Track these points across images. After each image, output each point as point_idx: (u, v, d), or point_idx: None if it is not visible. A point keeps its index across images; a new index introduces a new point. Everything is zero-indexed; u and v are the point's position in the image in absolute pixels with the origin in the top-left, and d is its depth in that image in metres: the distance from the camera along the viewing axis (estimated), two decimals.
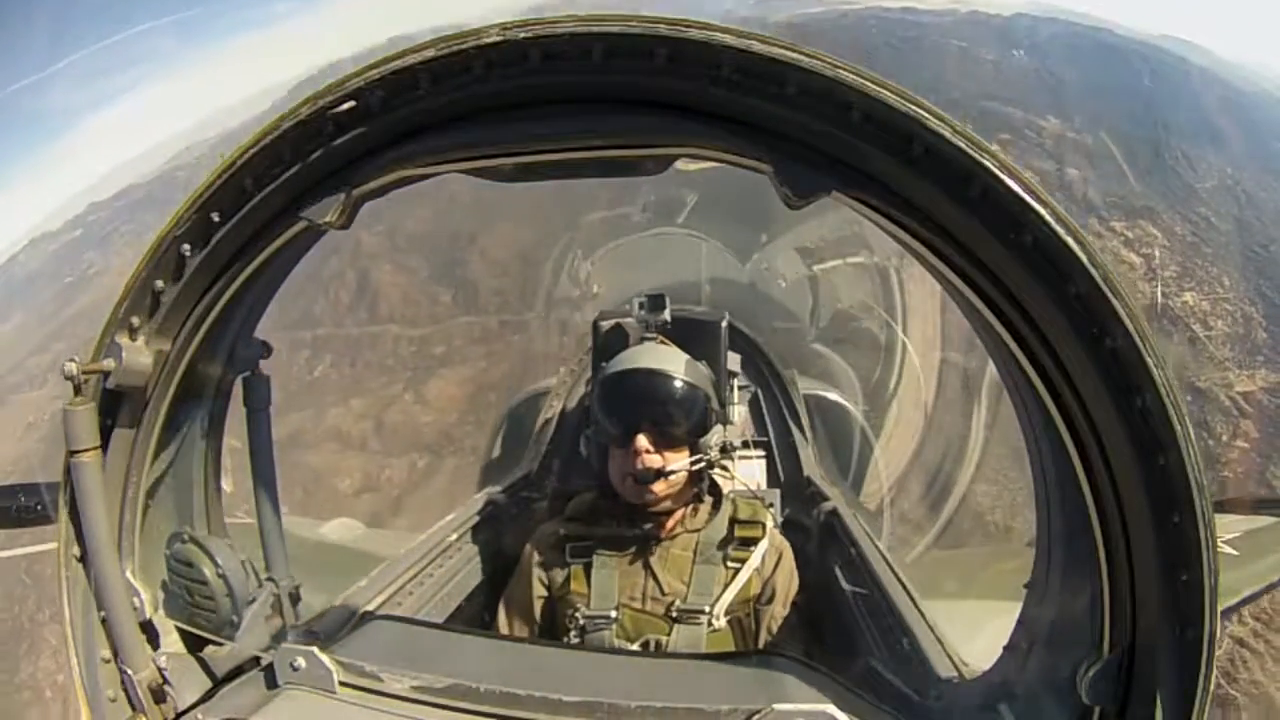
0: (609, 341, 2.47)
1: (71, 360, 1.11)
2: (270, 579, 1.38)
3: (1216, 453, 8.05)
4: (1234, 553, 1.51)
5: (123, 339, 1.16)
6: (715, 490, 2.04)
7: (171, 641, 1.29)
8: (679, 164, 1.07)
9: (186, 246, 1.12)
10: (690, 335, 2.30)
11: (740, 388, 3.18)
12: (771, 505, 2.52)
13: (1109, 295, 0.85)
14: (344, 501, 11.27)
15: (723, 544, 1.92)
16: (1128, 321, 0.84)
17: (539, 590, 2.00)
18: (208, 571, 1.26)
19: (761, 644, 1.85)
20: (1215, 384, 8.72)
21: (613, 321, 2.53)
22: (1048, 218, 0.85)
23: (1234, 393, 8.55)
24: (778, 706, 1.01)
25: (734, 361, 2.60)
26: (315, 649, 1.16)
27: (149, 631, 1.24)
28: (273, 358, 1.39)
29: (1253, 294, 10.05)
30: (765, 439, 3.72)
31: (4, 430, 13.12)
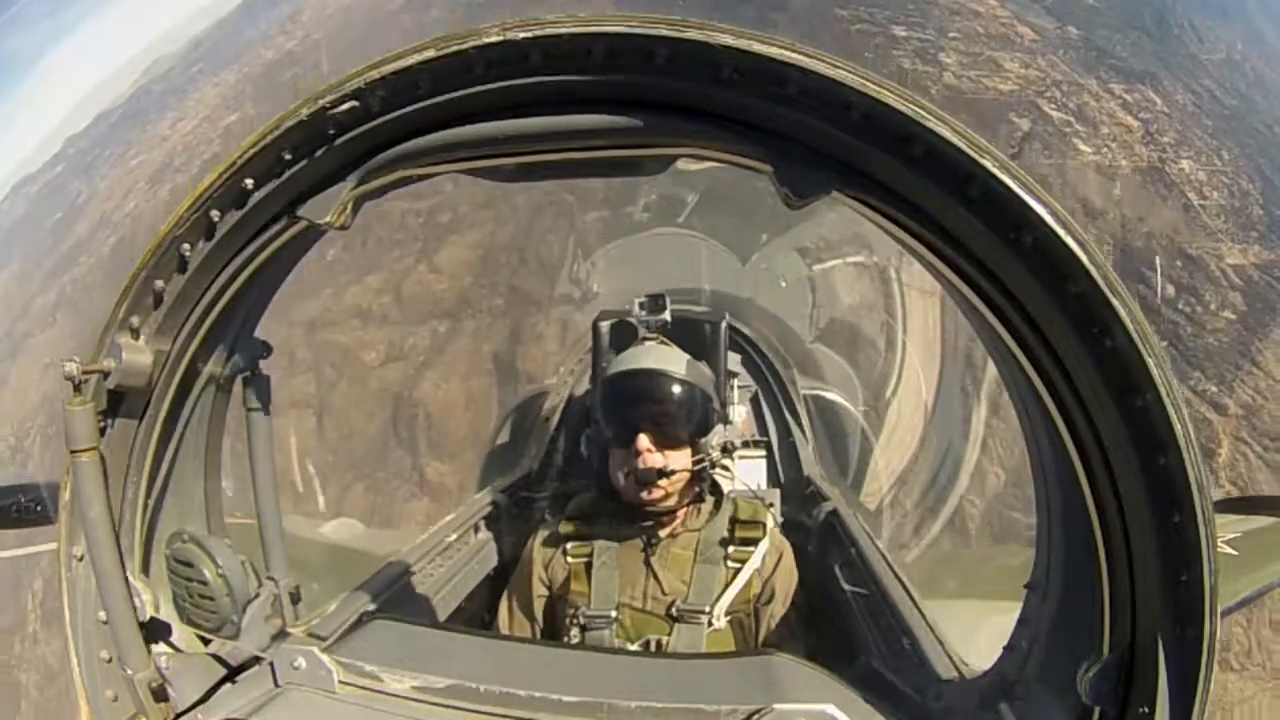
0: (609, 341, 2.47)
1: (71, 360, 1.11)
2: (270, 579, 1.38)
3: (1203, 320, 7.98)
4: (1234, 553, 1.51)
5: (123, 339, 1.16)
6: (716, 490, 2.04)
7: (171, 641, 1.29)
8: (678, 164, 1.07)
9: (186, 246, 1.12)
10: (690, 335, 2.31)
11: (740, 388, 3.19)
12: (772, 505, 2.52)
13: (1109, 295, 0.85)
14: (372, 373, 11.26)
15: (723, 544, 1.92)
16: (1128, 321, 0.84)
17: (539, 590, 2.00)
18: (208, 571, 1.25)
19: (762, 644, 1.85)
20: (1206, 252, 8.61)
21: (613, 321, 2.53)
22: (1048, 218, 0.85)
23: (1225, 264, 8.45)
24: (778, 706, 1.01)
25: (734, 361, 2.60)
26: (315, 649, 1.16)
27: (149, 631, 1.24)
28: None
29: (1252, 171, 9.86)
30: (765, 439, 3.73)
31: (26, 374, 13.08)
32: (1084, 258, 0.85)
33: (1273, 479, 7.19)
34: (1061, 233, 0.85)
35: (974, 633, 1.56)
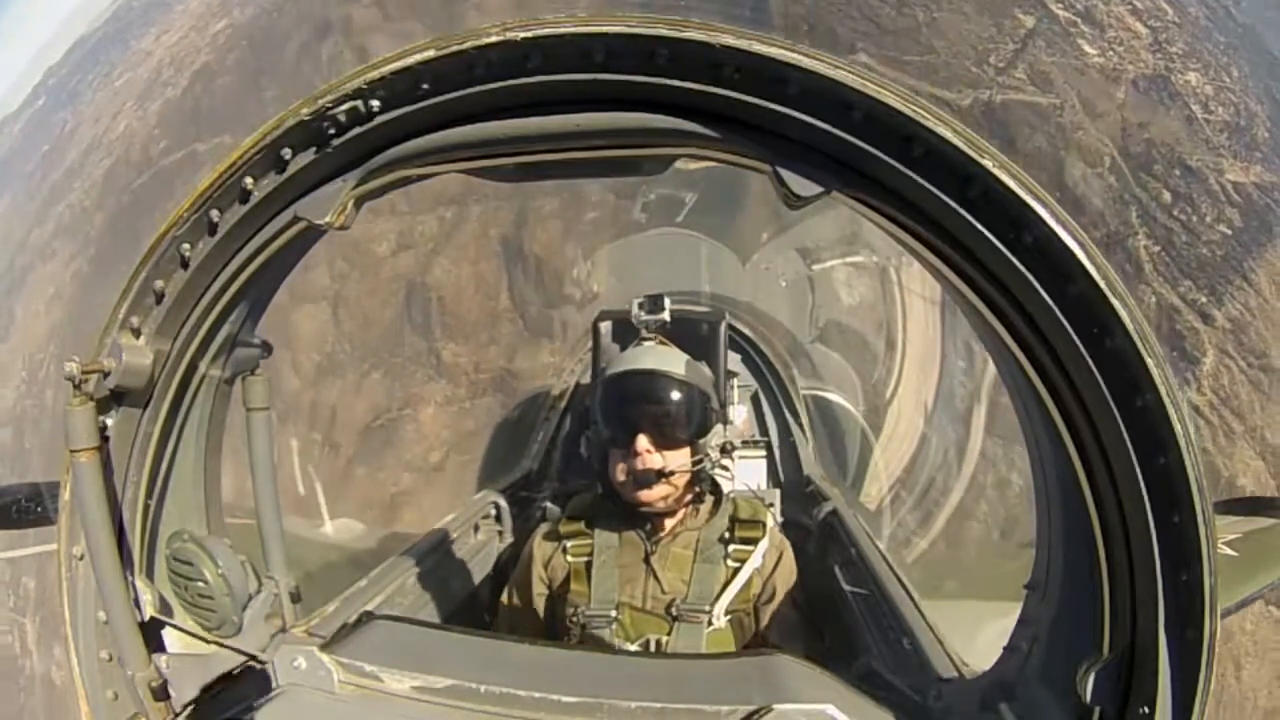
0: (609, 342, 2.47)
1: (72, 360, 1.11)
2: (270, 579, 1.38)
3: (1198, 230, 7.91)
4: (1233, 554, 1.51)
5: (123, 339, 1.16)
6: (716, 490, 2.04)
7: (171, 641, 1.29)
8: (678, 164, 1.07)
9: (186, 246, 1.12)
10: (690, 335, 2.31)
11: (740, 387, 3.19)
12: (772, 505, 2.52)
13: (1109, 295, 0.85)
14: (384, 263, 11.22)
15: (723, 543, 1.92)
16: (1128, 321, 0.84)
17: (539, 589, 2.00)
18: (208, 571, 1.25)
19: (762, 644, 1.86)
20: (1206, 166, 8.45)
21: (613, 322, 2.53)
22: (1048, 218, 0.85)
23: (1225, 179, 8.31)
24: (778, 706, 1.01)
25: (734, 361, 2.60)
26: (315, 649, 1.16)
27: (149, 631, 1.24)
28: None
29: (1261, 92, 9.62)
30: (765, 439, 3.73)
31: (32, 307, 13.00)
32: (1084, 258, 0.85)
33: (1255, 395, 7.20)
34: (1061, 233, 0.85)
35: (974, 633, 1.56)
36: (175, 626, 1.28)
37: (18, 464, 11.60)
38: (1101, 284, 0.85)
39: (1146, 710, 0.90)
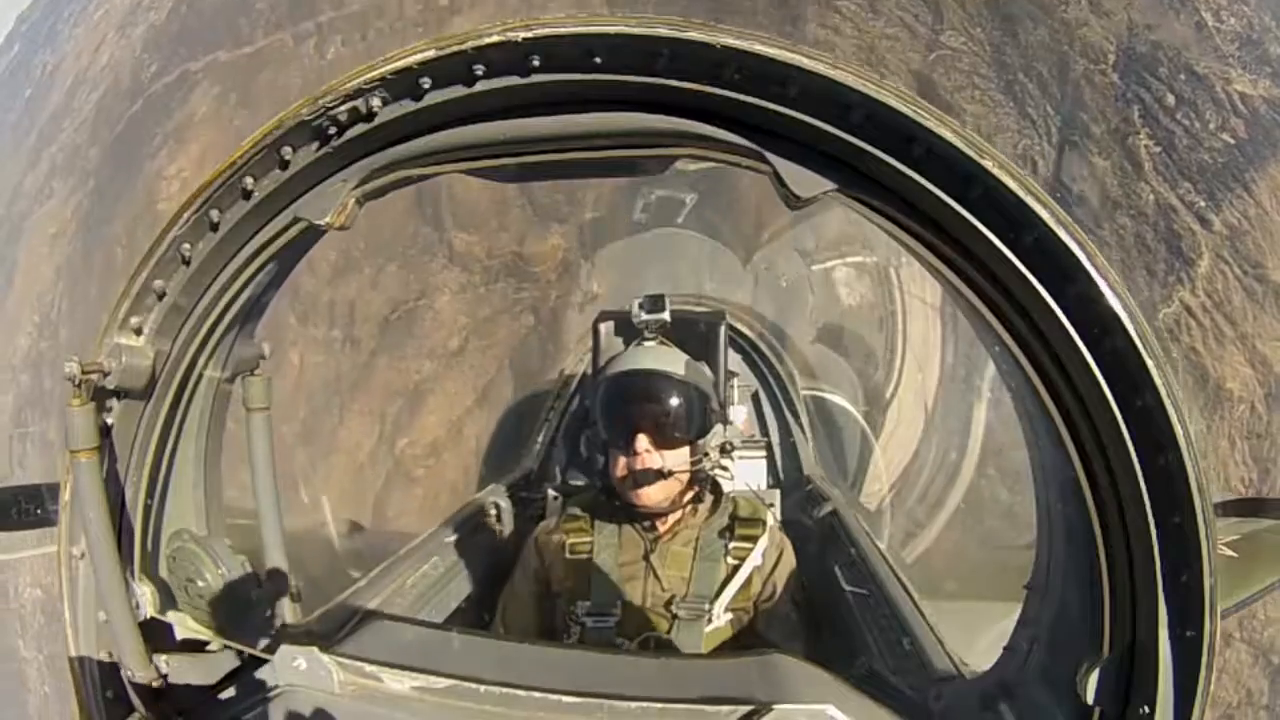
0: (609, 342, 2.47)
1: (72, 360, 1.11)
2: (270, 579, 1.38)
3: (1200, 136, 7.81)
4: (1233, 555, 1.51)
5: (123, 339, 1.16)
6: (716, 489, 2.05)
7: (171, 642, 1.29)
8: (678, 164, 1.07)
9: (186, 246, 1.12)
10: (690, 335, 2.31)
11: (740, 387, 3.19)
12: (772, 505, 2.52)
13: (1109, 295, 0.85)
14: None
15: (723, 541, 1.92)
16: (1128, 321, 0.85)
17: (539, 589, 2.00)
18: (208, 571, 1.26)
19: (761, 643, 1.86)
20: (1214, 74, 8.32)
21: (612, 322, 2.53)
22: (1048, 218, 0.85)
23: (1232, 88, 8.20)
24: (778, 706, 1.01)
25: (734, 361, 2.60)
26: (315, 649, 1.16)
27: (149, 631, 1.24)
28: (290, 56, 1.32)
29: (1275, 6, 9.51)
30: (765, 439, 3.73)
31: (36, 251, 12.81)
32: (1084, 258, 0.85)
33: (1249, 303, 7.18)
34: (1061, 233, 0.85)
35: (974, 633, 1.56)
36: (175, 626, 1.28)
37: (40, 405, 11.54)
38: (1101, 284, 0.85)
39: (1146, 710, 0.90)
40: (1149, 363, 0.84)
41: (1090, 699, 0.96)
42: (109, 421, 1.19)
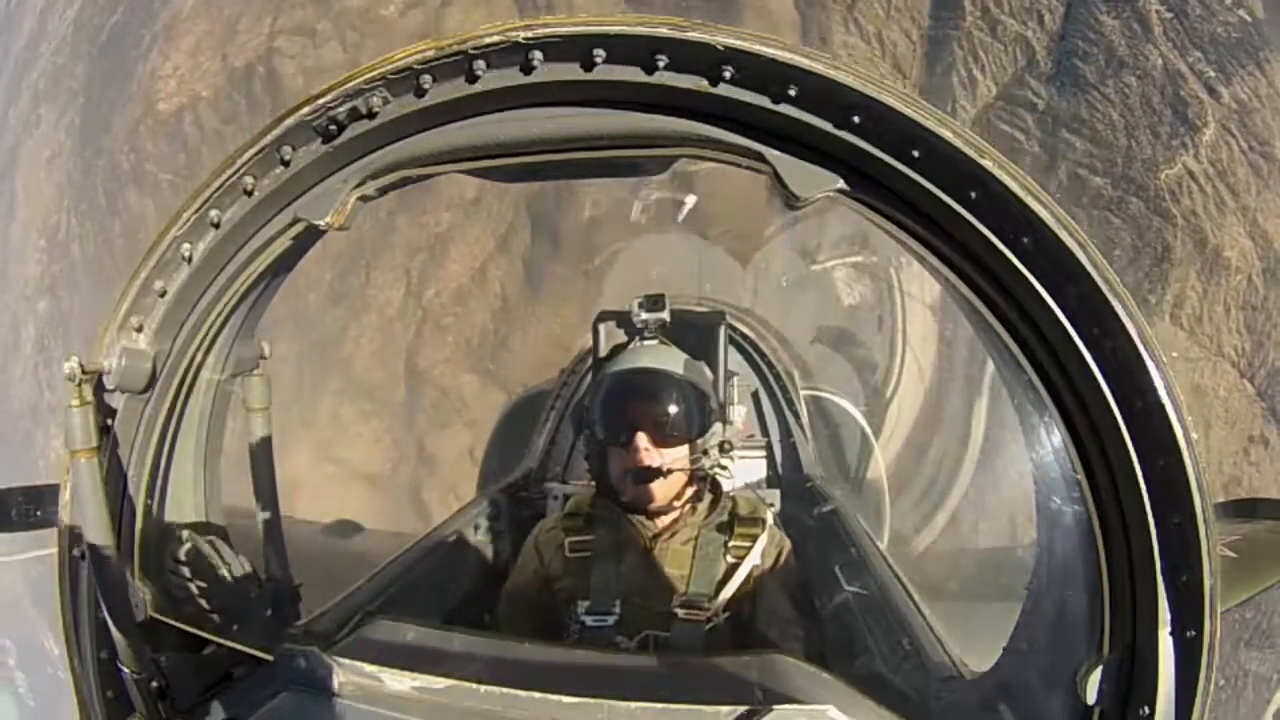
0: (609, 341, 2.47)
1: (72, 360, 1.11)
2: (270, 579, 1.38)
3: (1215, 9, 7.57)
4: (1233, 555, 1.51)
5: (123, 339, 1.16)
6: (715, 488, 2.04)
7: (171, 641, 1.29)
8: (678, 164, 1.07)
9: (186, 246, 1.12)
10: (690, 334, 2.31)
11: (740, 386, 3.18)
12: (772, 504, 2.52)
13: (1109, 295, 0.85)
14: (394, 24, 10.77)
15: (723, 540, 1.92)
16: (1128, 321, 0.85)
17: (539, 588, 2.00)
18: (208, 571, 1.25)
19: (762, 642, 1.86)
20: None
21: (612, 321, 2.53)
22: (1048, 218, 0.85)
23: None
24: (778, 707, 1.01)
25: (734, 360, 2.60)
26: (315, 649, 1.15)
27: (149, 631, 1.24)
28: None
29: None
30: (765, 439, 3.72)
31: (33, 177, 12.63)
32: (1084, 258, 0.85)
33: (1253, 177, 7.16)
34: (1061, 233, 0.85)
35: (974, 633, 1.56)
36: (175, 626, 1.28)
37: (61, 326, 11.51)
38: (1101, 284, 0.85)
39: (1146, 710, 0.90)
40: (1149, 363, 0.84)
41: (1090, 699, 0.95)
42: (109, 421, 1.19)
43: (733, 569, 1.88)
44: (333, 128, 1.01)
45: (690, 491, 1.93)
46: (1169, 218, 7.11)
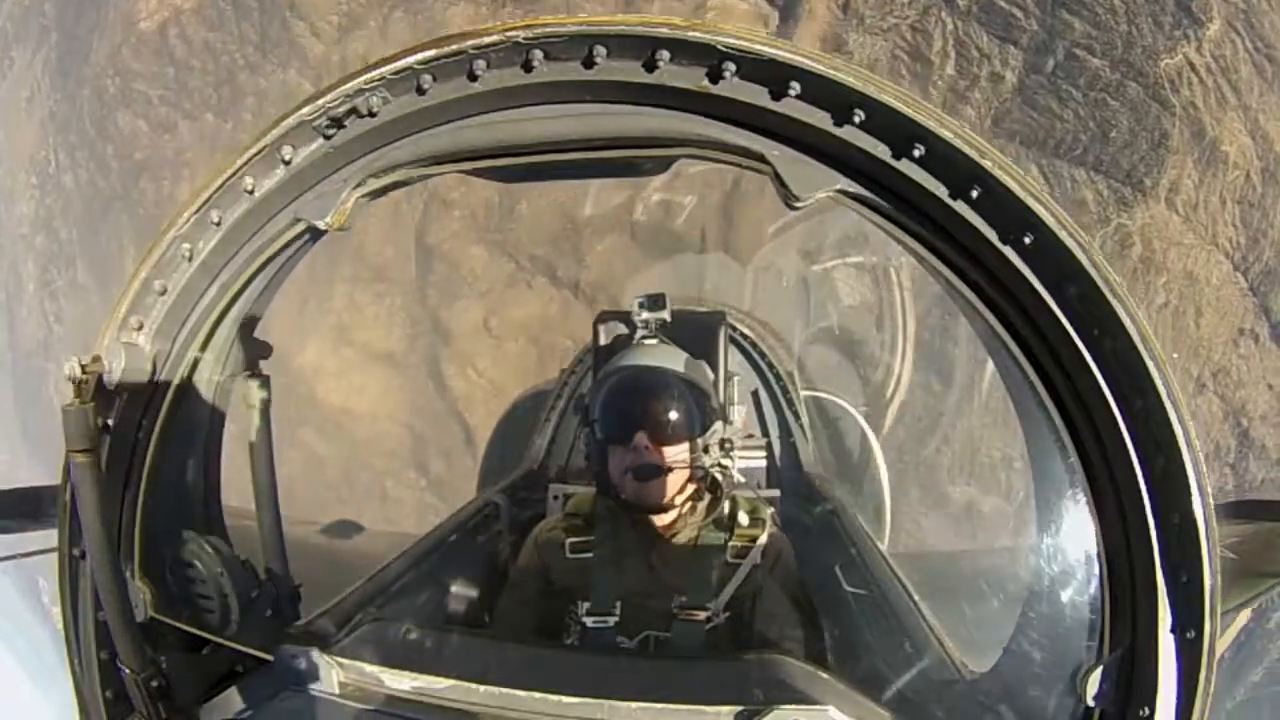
0: (609, 340, 2.47)
1: (72, 360, 1.11)
2: (270, 579, 1.38)
3: None
4: (1233, 557, 1.51)
5: (123, 338, 1.16)
6: (715, 488, 2.04)
7: (171, 641, 1.29)
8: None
9: (186, 246, 1.12)
10: (690, 333, 2.31)
11: (740, 386, 3.18)
12: (772, 504, 2.52)
13: (1109, 295, 0.85)
14: None
15: (723, 540, 1.92)
16: (1128, 321, 0.85)
17: (539, 588, 2.00)
18: (207, 571, 1.25)
19: (762, 643, 1.85)
20: None
21: (613, 321, 2.53)
22: (1048, 218, 0.85)
23: None
24: (778, 707, 1.01)
25: (734, 360, 2.60)
26: (315, 649, 1.16)
27: (149, 631, 1.24)
28: None
29: None
30: (765, 438, 3.72)
31: (11, 118, 12.44)
32: (1084, 258, 0.85)
33: (1256, 78, 7.15)
34: (1061, 233, 0.85)
35: (974, 633, 1.56)
36: (175, 626, 1.28)
37: (61, 257, 11.46)
38: (1101, 284, 0.85)
39: (1146, 710, 0.90)
40: (1149, 364, 0.84)
41: (1090, 699, 0.95)
42: (109, 421, 1.19)
43: (733, 569, 1.88)
44: (333, 128, 1.01)
45: (690, 490, 1.93)
46: (1167, 106, 7.08)
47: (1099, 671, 0.95)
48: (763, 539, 1.92)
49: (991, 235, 0.89)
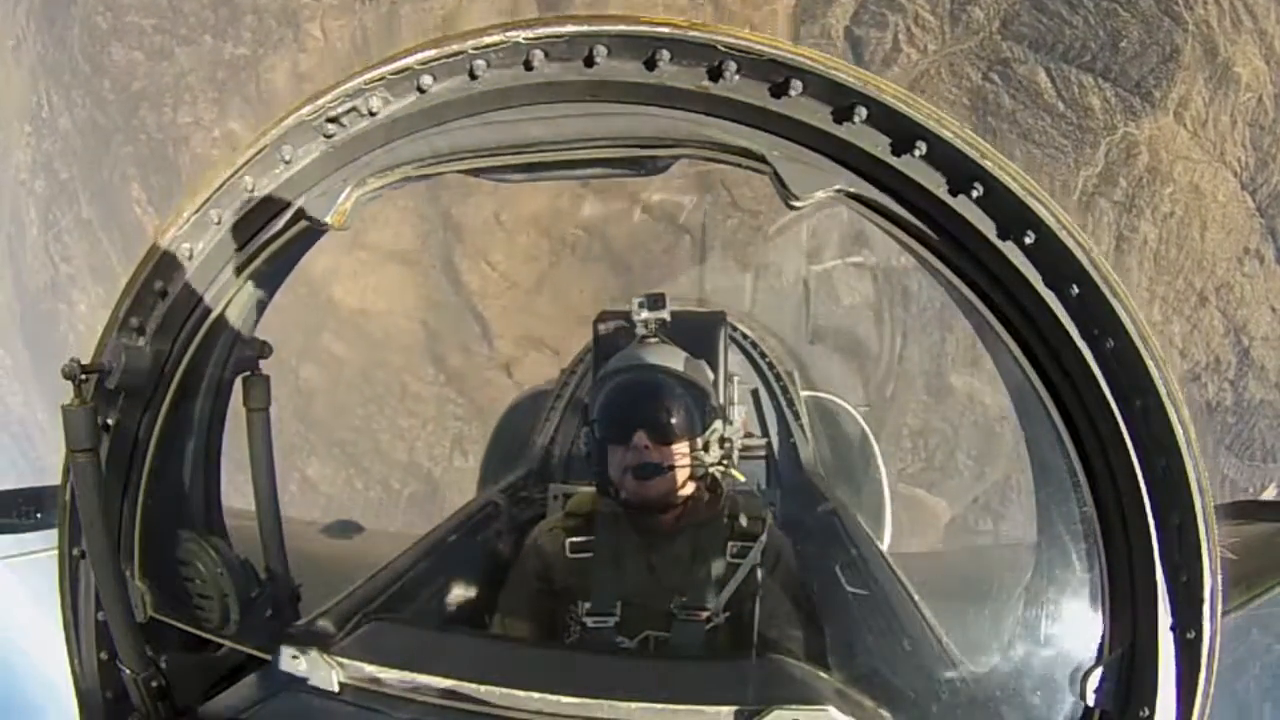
0: (609, 340, 2.47)
1: (71, 360, 1.11)
2: (270, 579, 1.38)
3: None
4: (1233, 557, 1.51)
5: (123, 339, 1.16)
6: (715, 488, 2.04)
7: (171, 641, 1.29)
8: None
9: (186, 246, 1.12)
10: (690, 334, 2.31)
11: (740, 386, 3.18)
12: (772, 504, 2.52)
13: (1109, 295, 0.85)
14: None
15: (722, 541, 1.92)
16: (1128, 322, 0.85)
17: (539, 588, 2.00)
18: (207, 571, 1.25)
19: (761, 643, 1.85)
20: None
21: (613, 321, 2.53)
22: (1048, 218, 0.85)
23: None
24: (778, 707, 1.01)
25: (734, 360, 2.60)
26: (315, 649, 1.15)
27: (149, 631, 1.24)
28: None
29: None
30: (765, 438, 3.72)
31: (13, 81, 12.47)
32: (1084, 258, 0.85)
33: (1274, 3, 7.15)
34: (1061, 233, 0.85)
35: (974, 633, 1.56)
36: (175, 626, 1.28)
37: (64, 195, 11.41)
38: (1101, 284, 0.85)
39: (1146, 711, 0.90)
40: (1149, 364, 0.84)
41: (1090, 699, 0.95)
42: (109, 421, 1.19)
43: (733, 569, 1.88)
44: (333, 128, 1.01)
45: (690, 490, 1.93)
46: (1180, 22, 7.01)
47: (1099, 671, 0.95)
48: (763, 539, 1.92)
49: (991, 234, 0.89)
